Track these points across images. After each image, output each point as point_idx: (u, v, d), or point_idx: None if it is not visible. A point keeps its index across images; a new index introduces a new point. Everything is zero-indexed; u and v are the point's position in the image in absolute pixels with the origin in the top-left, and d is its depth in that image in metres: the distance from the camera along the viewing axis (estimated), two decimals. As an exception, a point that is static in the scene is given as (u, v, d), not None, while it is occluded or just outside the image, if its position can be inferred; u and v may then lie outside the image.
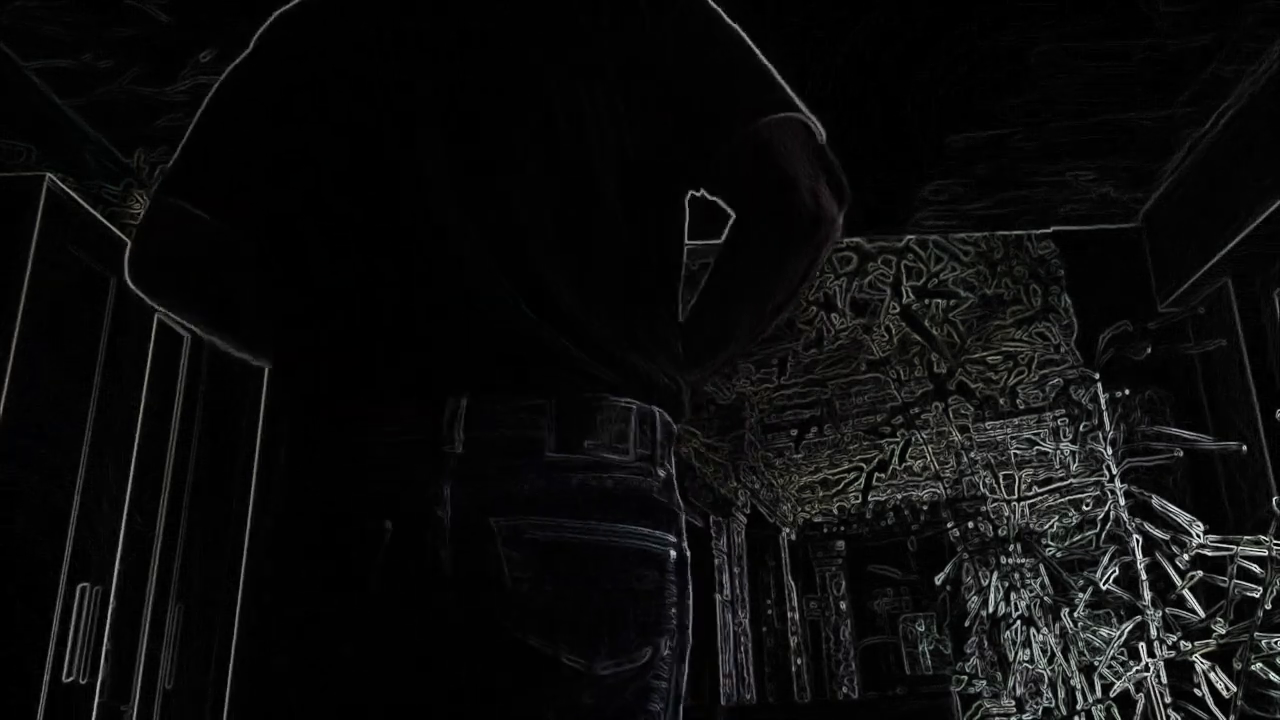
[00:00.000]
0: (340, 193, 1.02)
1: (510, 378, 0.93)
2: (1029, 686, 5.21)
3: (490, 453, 0.91)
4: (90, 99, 3.32)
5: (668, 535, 0.97)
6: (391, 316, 0.97)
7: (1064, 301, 6.48)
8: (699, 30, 1.06)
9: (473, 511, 0.90)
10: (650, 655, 0.93)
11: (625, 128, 1.01)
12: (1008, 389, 8.14)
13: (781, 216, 1.00)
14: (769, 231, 1.02)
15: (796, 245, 1.02)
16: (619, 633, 0.91)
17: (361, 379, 0.97)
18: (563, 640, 0.89)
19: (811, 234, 1.00)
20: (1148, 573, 3.89)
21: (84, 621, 2.88)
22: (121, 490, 3.17)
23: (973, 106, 3.48)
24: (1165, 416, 4.17)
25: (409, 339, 0.96)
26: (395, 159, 1.00)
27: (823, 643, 12.91)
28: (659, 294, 1.04)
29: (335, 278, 1.01)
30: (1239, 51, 3.23)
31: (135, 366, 3.29)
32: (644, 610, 0.93)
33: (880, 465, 9.84)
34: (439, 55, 1.03)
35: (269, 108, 1.08)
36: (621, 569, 0.93)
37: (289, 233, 1.05)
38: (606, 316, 0.97)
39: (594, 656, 0.90)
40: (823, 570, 13.18)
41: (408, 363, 0.95)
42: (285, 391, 1.05)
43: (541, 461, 0.91)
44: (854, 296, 6.77)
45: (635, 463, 0.95)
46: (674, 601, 0.97)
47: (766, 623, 11.74)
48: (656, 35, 1.04)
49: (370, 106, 1.03)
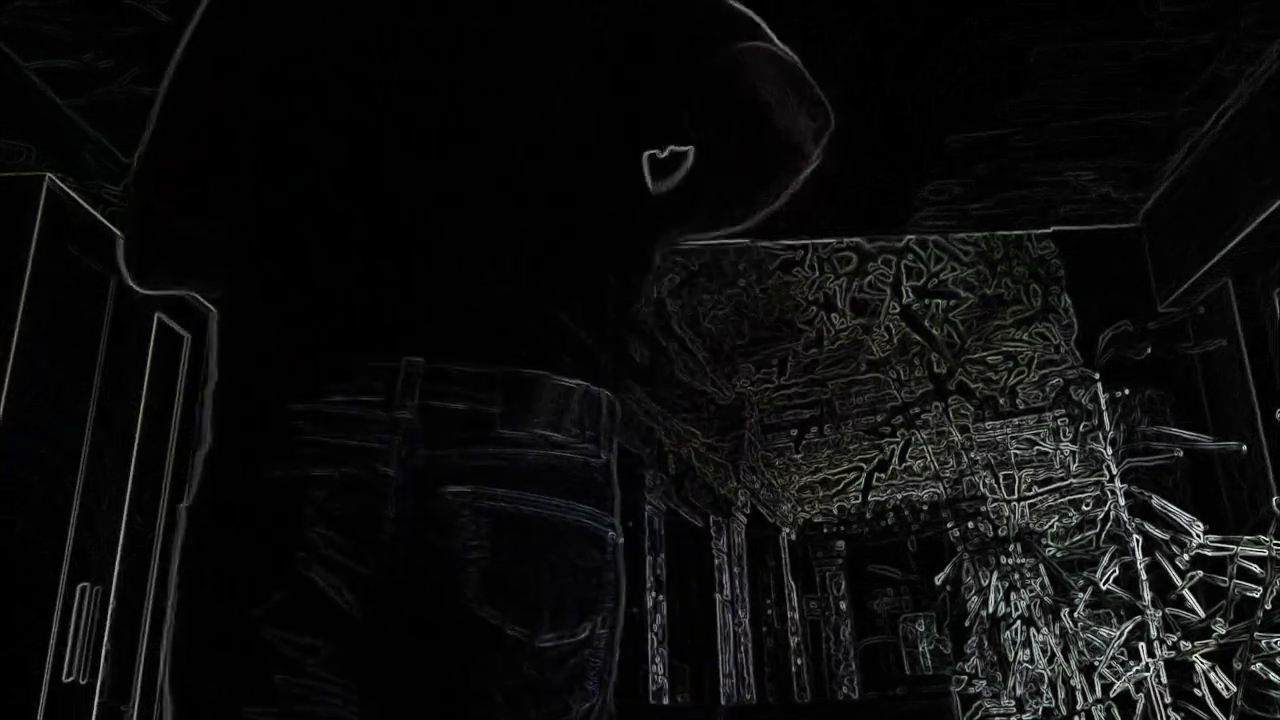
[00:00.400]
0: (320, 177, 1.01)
1: (464, 344, 0.94)
2: (1029, 686, 5.21)
3: (445, 423, 0.92)
4: (90, 99, 3.32)
5: (607, 516, 1.00)
6: (353, 284, 0.97)
7: (1064, 301, 6.48)
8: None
9: (428, 479, 0.91)
10: (589, 632, 0.95)
11: (620, 120, 1.05)
12: (1008, 389, 8.14)
13: (755, 147, 1.02)
14: (741, 161, 1.04)
15: (768, 175, 1.04)
16: (562, 607, 0.94)
17: (317, 340, 0.96)
18: (511, 612, 0.91)
19: (786, 164, 1.03)
20: (1148, 573, 3.89)
21: (84, 621, 2.88)
22: (121, 490, 3.17)
23: (973, 106, 3.48)
24: (1165, 416, 4.17)
25: (369, 306, 0.96)
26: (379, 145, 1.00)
27: (823, 643, 12.91)
28: (623, 286, 1.06)
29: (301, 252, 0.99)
30: (1239, 51, 3.23)
31: (135, 366, 3.29)
32: (584, 587, 0.96)
33: (880, 465, 9.84)
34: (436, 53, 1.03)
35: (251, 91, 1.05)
36: (567, 545, 0.95)
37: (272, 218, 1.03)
38: (564, 300, 0.99)
39: (537, 628, 0.92)
40: (823, 570, 13.18)
41: (364, 326, 0.95)
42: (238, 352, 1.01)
43: (494, 434, 0.93)
44: (854, 296, 6.77)
45: (581, 443, 0.97)
46: (612, 583, 0.99)
47: (766, 623, 11.74)
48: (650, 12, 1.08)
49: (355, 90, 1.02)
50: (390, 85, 1.02)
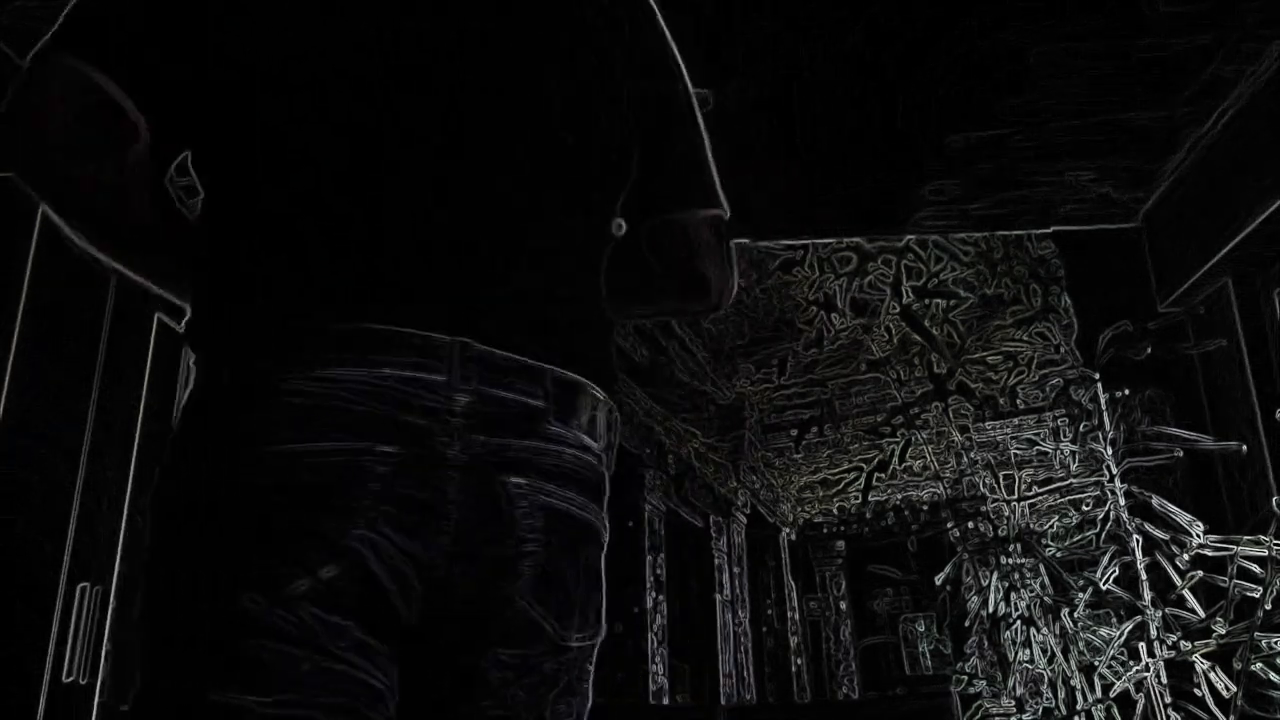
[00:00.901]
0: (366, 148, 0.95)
1: (512, 335, 0.92)
2: (1029, 686, 5.21)
3: (501, 411, 0.89)
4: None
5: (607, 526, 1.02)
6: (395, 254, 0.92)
7: (1064, 301, 6.49)
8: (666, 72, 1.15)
9: (487, 466, 0.88)
10: (600, 635, 0.97)
11: (620, 125, 1.07)
12: (1008, 389, 8.14)
13: (690, 300, 1.18)
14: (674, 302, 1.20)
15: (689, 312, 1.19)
16: (588, 608, 0.95)
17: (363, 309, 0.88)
18: (552, 610, 0.91)
19: (703, 310, 1.19)
20: (1148, 573, 3.89)
21: (84, 621, 2.88)
22: (121, 490, 3.17)
23: (973, 106, 3.48)
24: (1165, 416, 4.17)
25: (415, 278, 0.91)
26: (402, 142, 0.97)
27: (823, 643, 12.92)
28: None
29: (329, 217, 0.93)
30: (1239, 51, 3.23)
31: (135, 366, 3.29)
32: (600, 591, 0.97)
33: (880, 465, 9.84)
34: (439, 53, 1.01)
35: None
36: (590, 547, 0.97)
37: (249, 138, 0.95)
38: (583, 310, 1.02)
39: (569, 628, 0.92)
40: (823, 570, 13.19)
41: (413, 298, 0.90)
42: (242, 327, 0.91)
43: (545, 430, 0.92)
44: (854, 296, 6.77)
45: (601, 451, 0.98)
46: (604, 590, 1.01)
47: (766, 623, 11.74)
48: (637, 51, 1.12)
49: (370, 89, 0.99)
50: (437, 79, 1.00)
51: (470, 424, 0.87)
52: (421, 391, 0.86)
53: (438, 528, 0.85)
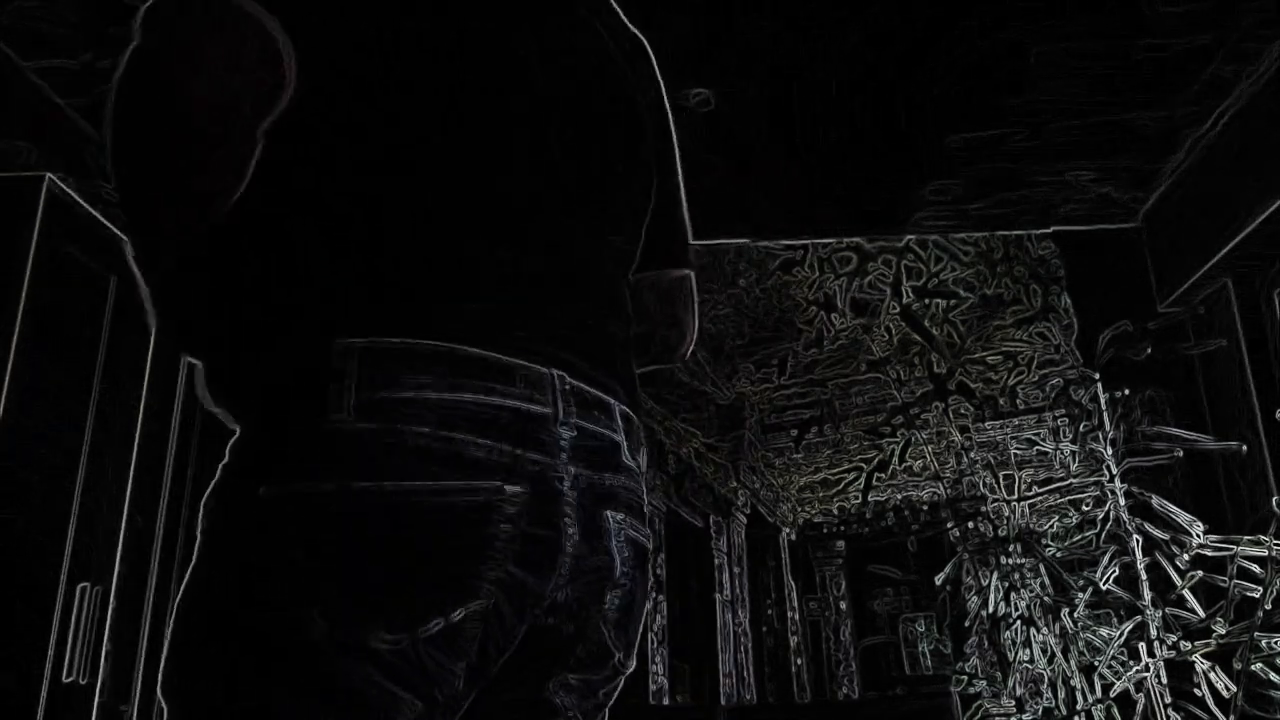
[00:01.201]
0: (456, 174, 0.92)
1: (590, 369, 0.93)
2: (1029, 686, 5.21)
3: (593, 444, 0.91)
4: (90, 99, 3.32)
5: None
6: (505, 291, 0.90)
7: (1064, 301, 6.48)
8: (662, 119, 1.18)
9: (590, 500, 0.89)
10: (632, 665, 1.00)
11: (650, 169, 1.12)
12: (1008, 389, 8.14)
13: (665, 351, 1.20)
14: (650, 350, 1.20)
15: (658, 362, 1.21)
16: (636, 636, 0.98)
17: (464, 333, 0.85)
18: (623, 638, 0.94)
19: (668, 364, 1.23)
20: (1148, 573, 3.89)
21: (84, 621, 2.88)
22: (121, 490, 3.17)
23: (973, 106, 3.48)
24: (1165, 416, 4.17)
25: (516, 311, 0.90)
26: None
27: (823, 643, 12.91)
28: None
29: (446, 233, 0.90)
30: (1239, 51, 3.23)
31: (135, 366, 3.29)
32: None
33: (880, 465, 9.84)
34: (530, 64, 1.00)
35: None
36: (647, 576, 1.00)
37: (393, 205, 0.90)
38: (628, 343, 1.05)
39: (630, 657, 0.96)
40: (823, 570, 13.18)
41: (511, 335, 0.88)
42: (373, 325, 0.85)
43: (622, 463, 0.94)
44: (854, 296, 6.77)
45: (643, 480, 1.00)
46: None
47: (766, 623, 11.74)
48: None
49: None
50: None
51: (574, 457, 0.88)
52: (534, 425, 0.85)
53: (557, 562, 0.86)
